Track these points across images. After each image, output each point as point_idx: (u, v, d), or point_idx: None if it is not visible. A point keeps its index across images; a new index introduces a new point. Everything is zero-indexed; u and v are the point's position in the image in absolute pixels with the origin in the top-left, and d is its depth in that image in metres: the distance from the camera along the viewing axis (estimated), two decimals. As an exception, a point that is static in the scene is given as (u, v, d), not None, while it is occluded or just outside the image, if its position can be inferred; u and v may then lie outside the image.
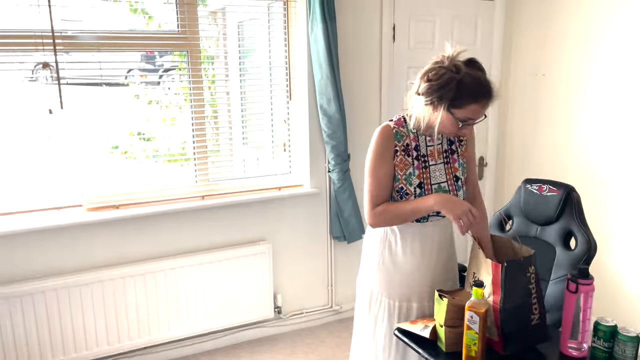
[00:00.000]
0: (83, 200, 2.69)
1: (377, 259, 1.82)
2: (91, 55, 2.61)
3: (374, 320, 1.83)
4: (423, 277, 1.79)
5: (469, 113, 1.60)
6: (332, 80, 2.91)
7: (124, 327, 2.75)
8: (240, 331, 3.13)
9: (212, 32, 3.14)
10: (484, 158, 3.69)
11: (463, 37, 3.42)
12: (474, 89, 1.57)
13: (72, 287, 2.61)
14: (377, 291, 1.82)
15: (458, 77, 1.56)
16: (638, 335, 1.42)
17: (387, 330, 1.81)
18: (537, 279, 1.59)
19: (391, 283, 1.80)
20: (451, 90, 1.56)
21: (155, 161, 2.97)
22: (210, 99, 3.07)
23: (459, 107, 1.59)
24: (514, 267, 1.54)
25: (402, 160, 1.71)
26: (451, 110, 1.59)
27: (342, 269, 3.33)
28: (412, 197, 1.72)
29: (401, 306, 1.80)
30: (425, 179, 1.73)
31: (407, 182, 1.71)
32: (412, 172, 1.72)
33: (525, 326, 1.58)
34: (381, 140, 1.71)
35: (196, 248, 2.93)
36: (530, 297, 1.58)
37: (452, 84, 1.56)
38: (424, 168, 1.73)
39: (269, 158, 3.23)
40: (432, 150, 1.75)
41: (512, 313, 1.54)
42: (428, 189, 1.73)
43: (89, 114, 2.69)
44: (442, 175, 1.76)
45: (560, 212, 2.16)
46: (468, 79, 1.57)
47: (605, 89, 3.03)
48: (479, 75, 1.59)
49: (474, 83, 1.57)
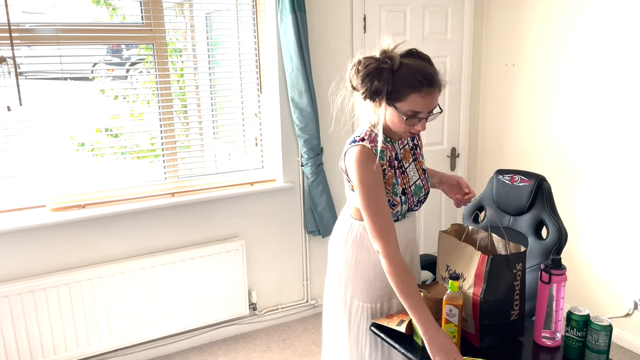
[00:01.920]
0: (47, 201, 2.60)
1: (345, 262, 1.75)
2: (53, 49, 2.51)
3: (347, 323, 1.77)
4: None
5: (412, 105, 1.50)
6: (303, 73, 2.86)
7: (93, 330, 2.68)
8: (216, 329, 3.08)
9: (179, 23, 3.05)
10: (456, 149, 3.71)
11: (434, 27, 3.41)
12: (410, 78, 1.47)
13: (38, 291, 2.52)
14: (348, 293, 1.76)
15: (388, 66, 1.47)
16: (610, 325, 1.43)
17: (360, 331, 1.76)
18: (523, 276, 1.58)
19: (368, 284, 1.74)
20: (386, 81, 1.47)
21: (124, 158, 2.88)
22: (179, 92, 2.99)
23: (400, 100, 1.50)
24: (500, 262, 1.53)
25: (390, 176, 1.65)
26: (394, 105, 1.51)
27: (317, 264, 3.30)
28: (399, 206, 1.66)
29: (382, 307, 1.76)
30: (406, 184, 1.70)
31: (393, 193, 1.66)
32: (395, 182, 1.67)
33: (504, 321, 1.58)
34: (369, 168, 1.55)
35: (167, 247, 2.86)
36: (514, 294, 1.57)
37: (384, 74, 1.47)
38: (403, 173, 1.70)
39: (240, 153, 3.17)
40: (403, 153, 1.72)
41: (492, 307, 1.54)
42: (409, 192, 1.70)
43: (51, 110, 2.58)
44: (415, 174, 1.74)
45: (532, 202, 2.17)
46: (403, 68, 1.48)
47: (574, 79, 3.06)
48: (418, 64, 1.49)
49: (411, 72, 1.47)
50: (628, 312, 2.95)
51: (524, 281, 1.59)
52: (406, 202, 1.69)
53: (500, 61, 3.49)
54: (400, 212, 1.69)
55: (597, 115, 2.97)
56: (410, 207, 1.71)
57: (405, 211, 1.70)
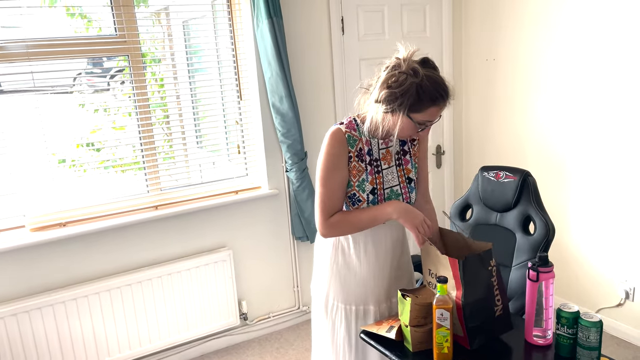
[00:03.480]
0: (26, 221, 2.54)
1: (330, 265, 1.76)
2: (24, 65, 2.45)
3: (332, 327, 1.79)
4: (378, 280, 1.75)
5: (428, 116, 1.54)
6: (283, 77, 2.82)
7: (80, 350, 2.61)
8: (207, 341, 3.03)
9: (156, 33, 3.00)
10: (441, 147, 3.69)
11: (413, 26, 3.39)
12: (433, 92, 1.51)
13: (20, 314, 2.45)
14: (332, 297, 1.77)
15: (417, 80, 1.49)
16: (600, 320, 1.40)
17: (345, 335, 1.76)
18: (498, 270, 1.57)
19: (346, 288, 1.75)
20: (411, 95, 1.50)
21: (107, 172, 2.83)
22: (160, 102, 2.94)
23: (418, 112, 1.53)
24: (473, 262, 1.51)
25: (355, 166, 1.65)
26: (410, 115, 1.53)
27: (307, 269, 3.26)
28: (364, 203, 1.66)
29: (358, 310, 1.76)
30: (379, 184, 1.68)
31: (360, 189, 1.66)
32: (365, 178, 1.66)
33: (489, 319, 1.56)
34: (334, 147, 1.62)
35: (153, 261, 2.81)
36: (493, 290, 1.55)
37: (412, 89, 1.49)
38: (377, 173, 1.68)
39: (224, 161, 3.13)
40: (384, 154, 1.70)
41: (475, 307, 1.52)
42: (381, 194, 1.68)
43: (28, 127, 2.52)
44: (395, 179, 1.71)
45: (518, 198, 2.16)
46: (426, 81, 1.50)
47: (556, 72, 3.05)
48: (436, 76, 1.53)
49: (432, 86, 1.51)
50: (620, 302, 2.95)
51: (500, 275, 1.58)
52: (374, 203, 1.67)
53: (481, 56, 3.48)
54: None
55: (580, 107, 2.96)
56: None
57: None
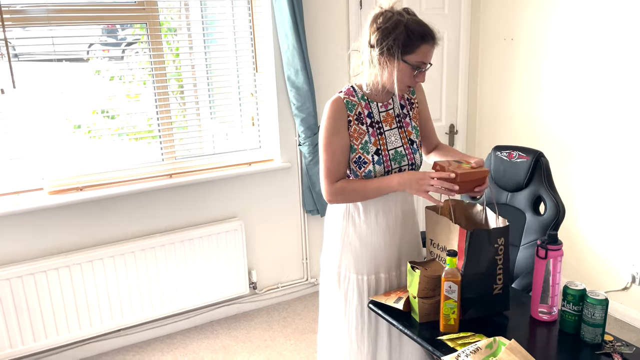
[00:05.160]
0: (44, 184, 2.59)
1: (341, 236, 1.79)
2: (45, 30, 2.47)
3: (344, 297, 1.82)
4: (389, 250, 1.79)
5: (421, 56, 1.60)
6: (299, 51, 2.83)
7: (95, 311, 2.70)
8: (216, 308, 3.11)
9: (173, 2, 3.00)
10: (454, 125, 3.69)
11: (431, 2, 3.36)
12: (421, 29, 1.59)
13: (38, 274, 2.53)
14: (344, 268, 1.80)
15: (404, 19, 1.58)
16: (607, 298, 1.43)
17: (357, 306, 1.80)
18: (506, 251, 1.59)
19: (358, 259, 1.78)
20: (401, 33, 1.57)
21: (122, 139, 2.87)
22: (175, 72, 2.96)
23: (411, 52, 1.59)
24: (480, 236, 1.54)
25: (356, 129, 1.69)
26: (404, 58, 1.59)
27: (317, 242, 3.31)
28: (370, 165, 1.69)
29: (369, 280, 1.79)
30: (382, 145, 1.71)
31: (364, 151, 1.69)
32: (368, 140, 1.70)
33: (487, 295, 1.59)
34: (333, 113, 1.67)
35: (166, 228, 2.87)
36: (496, 268, 1.58)
37: (401, 26, 1.57)
38: (380, 134, 1.72)
39: (238, 133, 3.15)
40: (385, 116, 1.74)
41: (473, 280, 1.55)
42: (385, 154, 1.71)
43: (46, 93, 2.56)
44: (398, 140, 1.75)
45: (530, 178, 2.17)
46: (411, 21, 1.59)
47: (572, 54, 3.02)
48: (419, 19, 1.63)
49: (418, 24, 1.60)
50: (626, 285, 2.97)
51: (507, 255, 1.60)
52: (380, 163, 1.70)
53: (499, 36, 3.45)
54: (373, 173, 1.70)
55: (594, 90, 2.94)
56: (387, 171, 1.71)
57: (381, 174, 1.70)
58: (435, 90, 3.54)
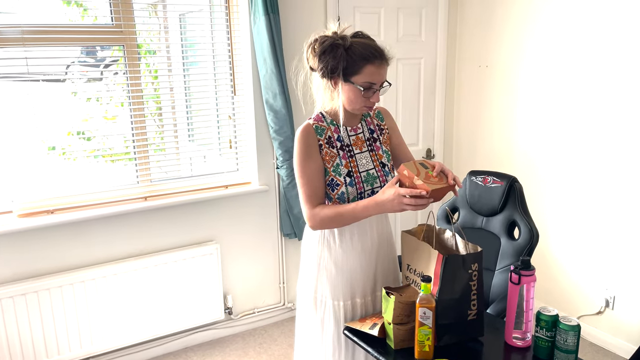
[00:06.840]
0: (14, 206, 2.53)
1: (317, 261, 1.78)
2: (19, 51, 2.44)
3: (321, 323, 1.80)
4: (365, 274, 1.78)
5: (368, 77, 1.61)
6: (277, 75, 2.84)
7: (63, 338, 2.61)
8: (191, 334, 3.04)
9: (152, 24, 3.00)
10: (431, 150, 3.73)
11: (408, 29, 3.43)
12: (364, 51, 1.60)
13: (4, 299, 2.45)
14: (320, 293, 1.79)
15: (344, 44, 1.60)
16: (579, 324, 1.44)
17: (334, 332, 1.78)
18: (480, 276, 1.59)
19: (334, 284, 1.77)
20: (341, 58, 1.59)
21: (97, 161, 2.82)
22: (154, 94, 2.95)
23: (356, 73, 1.61)
24: (455, 262, 1.54)
25: (327, 152, 1.71)
26: (350, 80, 1.61)
27: (294, 266, 3.28)
28: (342, 186, 1.70)
29: (346, 305, 1.77)
30: (353, 167, 1.73)
31: (336, 173, 1.71)
32: (339, 162, 1.72)
33: (461, 321, 1.58)
34: (304, 139, 1.70)
35: (140, 252, 2.81)
36: (470, 293, 1.58)
37: (339, 50, 1.59)
38: (350, 157, 1.74)
39: (215, 155, 3.14)
40: (355, 140, 1.76)
41: (447, 305, 1.54)
42: (357, 176, 1.72)
43: (19, 113, 2.51)
44: (369, 162, 1.76)
45: (504, 203, 2.19)
46: (355, 44, 1.61)
47: (546, 81, 3.10)
48: (367, 41, 1.64)
49: (363, 46, 1.61)
50: (600, 310, 3.00)
51: (481, 281, 1.60)
52: (352, 185, 1.71)
53: (474, 62, 3.52)
54: (346, 194, 1.70)
55: (568, 117, 3.01)
56: (360, 192, 1.72)
57: (354, 196, 1.71)
58: (412, 114, 3.59)
